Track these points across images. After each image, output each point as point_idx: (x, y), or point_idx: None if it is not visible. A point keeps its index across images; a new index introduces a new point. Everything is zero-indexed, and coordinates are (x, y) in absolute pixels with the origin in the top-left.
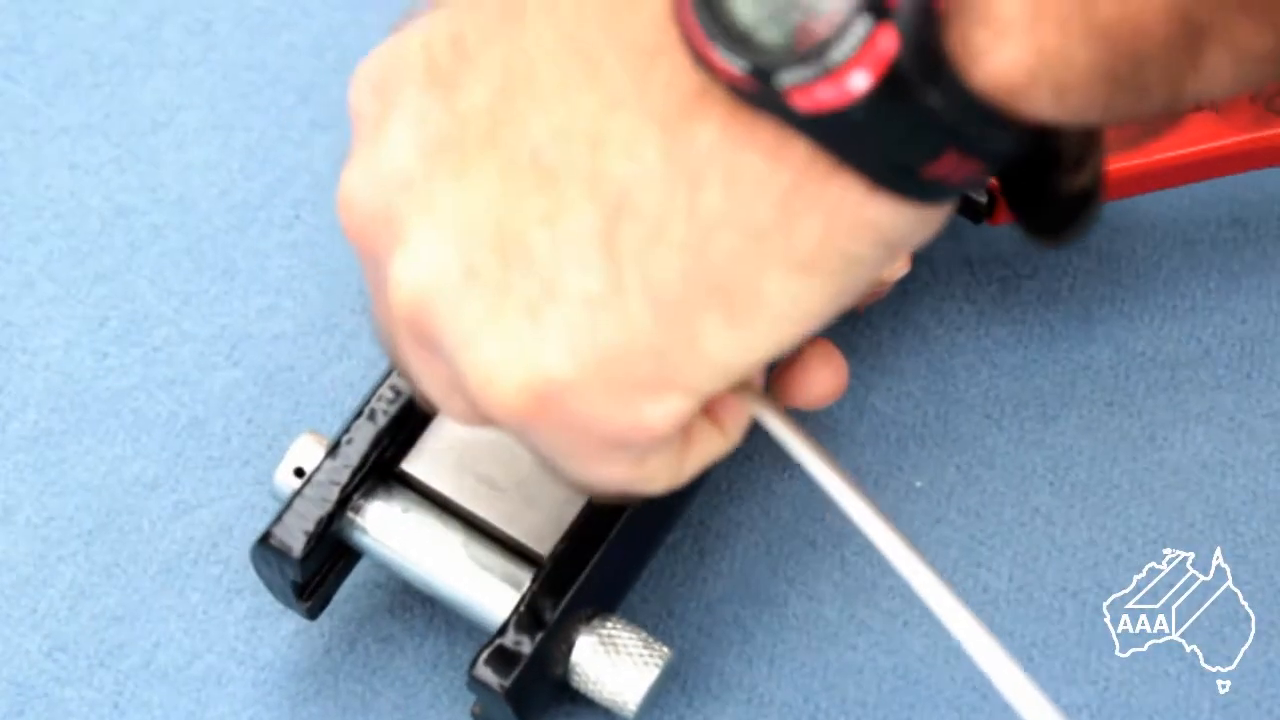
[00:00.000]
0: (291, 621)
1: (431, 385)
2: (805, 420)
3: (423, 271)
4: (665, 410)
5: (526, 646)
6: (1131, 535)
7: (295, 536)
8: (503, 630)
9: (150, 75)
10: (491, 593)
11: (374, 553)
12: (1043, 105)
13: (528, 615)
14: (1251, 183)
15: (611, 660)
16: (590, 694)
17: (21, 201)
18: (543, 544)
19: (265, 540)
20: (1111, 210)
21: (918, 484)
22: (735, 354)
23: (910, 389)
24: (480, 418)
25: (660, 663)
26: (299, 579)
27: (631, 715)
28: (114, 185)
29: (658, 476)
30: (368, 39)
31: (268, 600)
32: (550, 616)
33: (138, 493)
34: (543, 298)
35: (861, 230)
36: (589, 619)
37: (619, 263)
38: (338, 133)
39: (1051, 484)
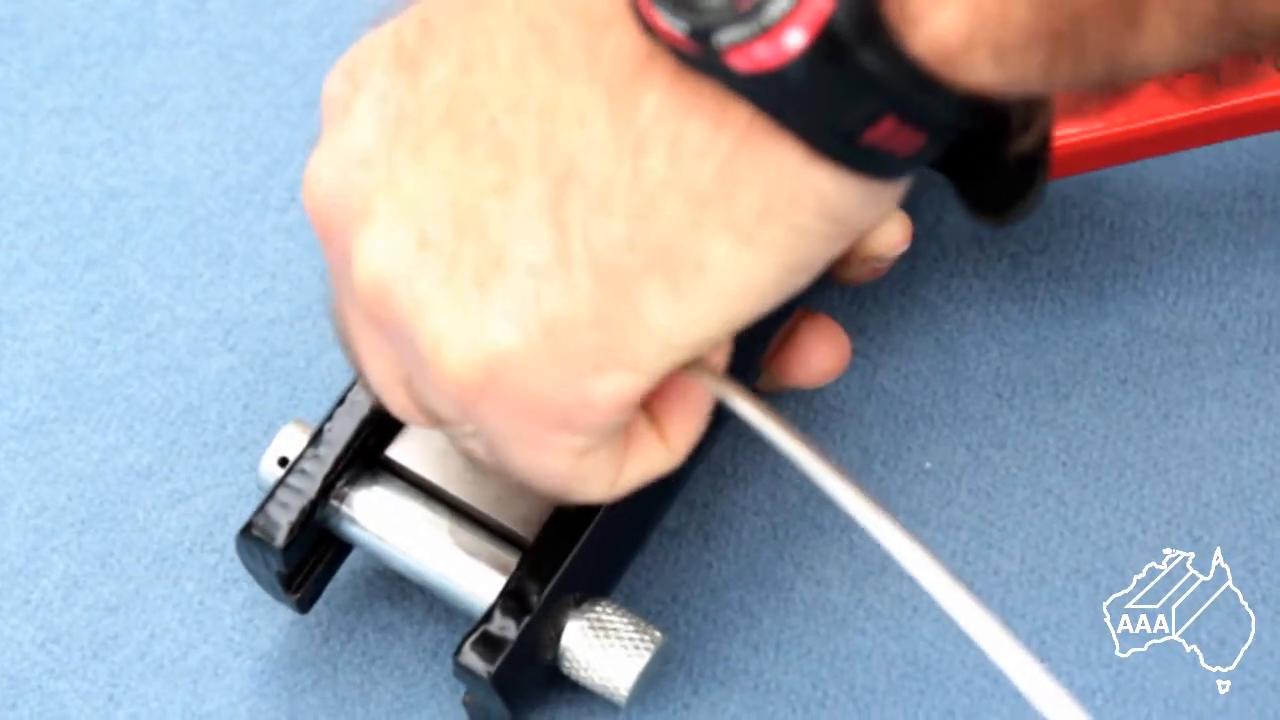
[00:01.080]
0: (289, 611)
1: (379, 373)
2: (812, 400)
3: (383, 248)
4: (611, 387)
5: (511, 632)
6: (1145, 516)
7: (277, 526)
8: (488, 616)
9: (142, 55)
10: (478, 579)
11: (360, 541)
12: (982, 71)
13: (513, 601)
14: (1268, 154)
15: (601, 645)
16: (581, 680)
17: (11, 185)
18: (529, 529)
19: (247, 530)
20: (1123, 183)
21: (927, 465)
22: (679, 327)
23: (919, 368)
24: (424, 412)
25: (651, 647)
26: (283, 569)
27: (624, 700)
28: (106, 168)
29: (594, 477)
30: (363, 17)
31: (263, 590)
32: (536, 601)
33: (131, 481)
34: (492, 268)
35: (804, 199)
36: (578, 603)
37: (565, 232)
38: None
39: (1064, 464)
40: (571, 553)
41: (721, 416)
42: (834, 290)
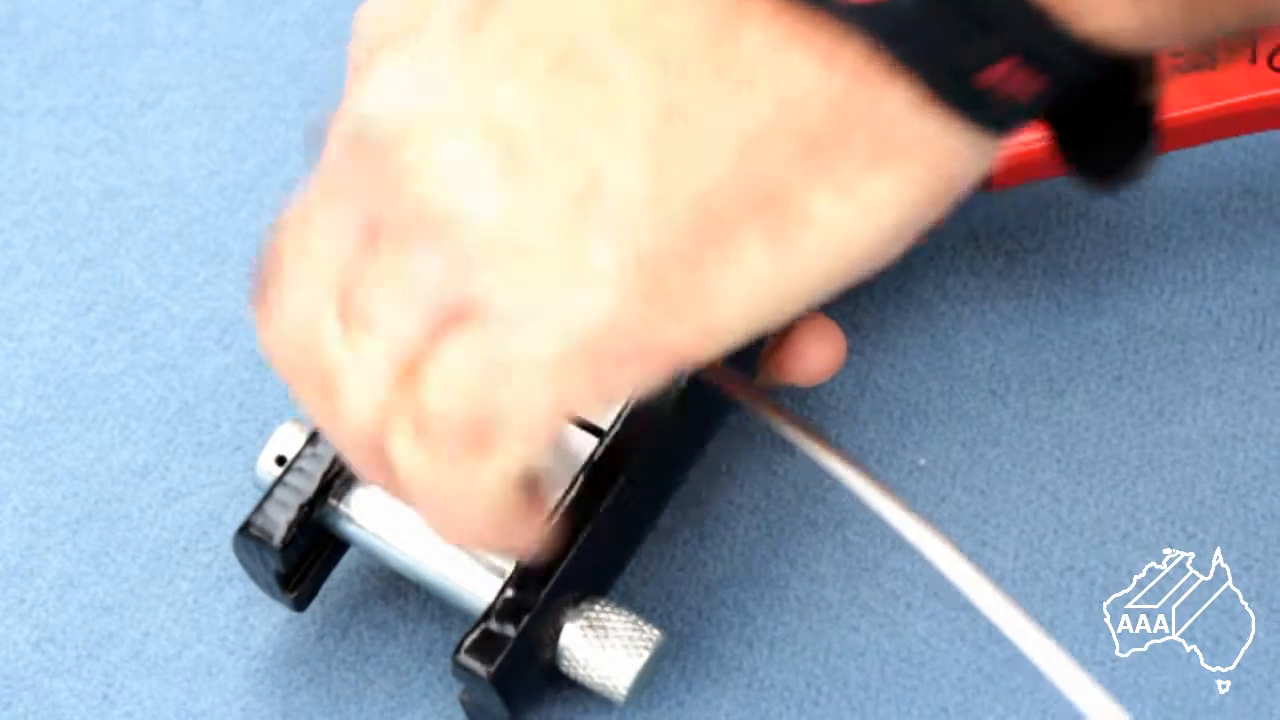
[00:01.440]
0: (283, 610)
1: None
2: (806, 397)
3: (457, 158)
4: (684, 339)
5: (511, 631)
6: (1140, 513)
7: (276, 525)
8: (487, 615)
9: (138, 55)
10: (477, 578)
11: (358, 540)
12: (1115, 11)
13: (511, 600)
14: (1263, 152)
15: (600, 644)
16: (580, 679)
17: (7, 185)
18: None
19: (245, 529)
20: None
21: (921, 462)
22: (775, 280)
23: (914, 365)
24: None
25: (650, 646)
26: (282, 568)
27: (622, 699)
28: (102, 168)
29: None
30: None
31: (259, 588)
32: (534, 601)
33: (126, 480)
34: (587, 192)
35: (915, 149)
36: (576, 602)
37: (664, 169)
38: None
39: (1059, 461)
40: (570, 552)
41: (715, 413)
42: None
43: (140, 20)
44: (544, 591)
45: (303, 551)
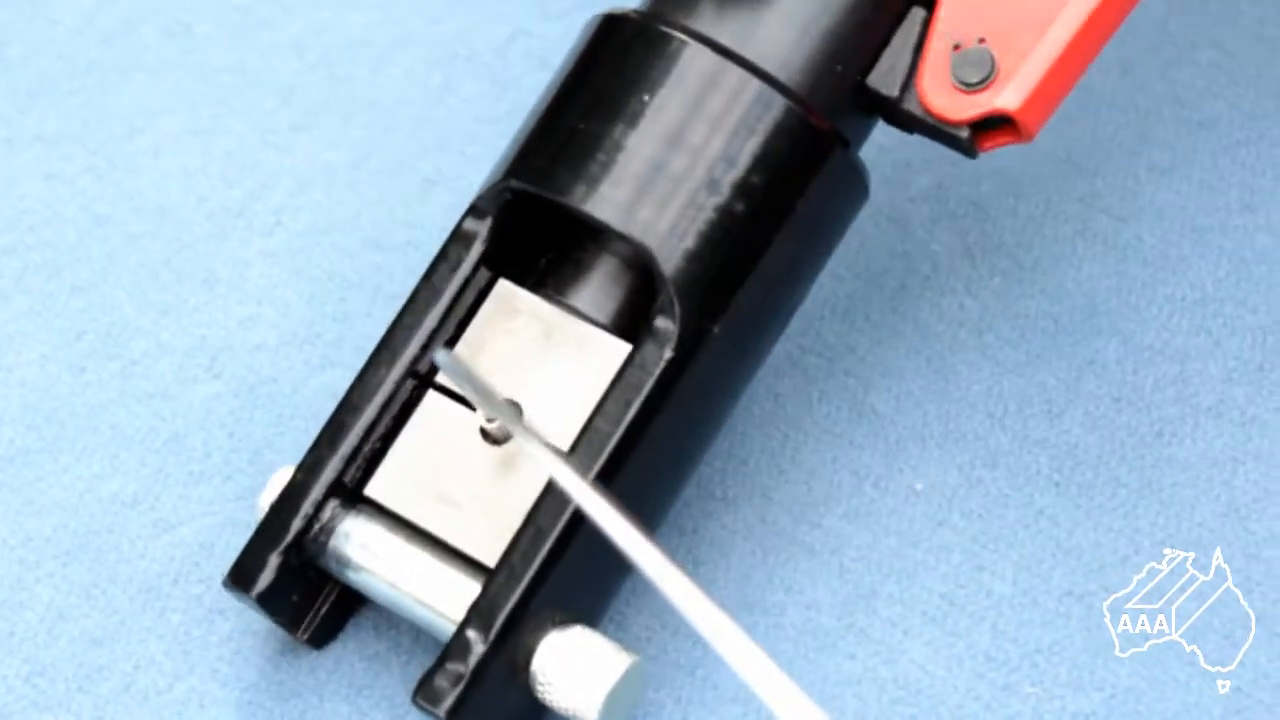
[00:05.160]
0: (275, 641)
1: None
2: (801, 421)
3: None
4: None
5: (465, 668)
6: (1139, 536)
7: (255, 572)
8: (444, 653)
9: (127, 80)
10: (458, 614)
11: (348, 580)
12: None
13: (466, 634)
14: (1263, 168)
15: (568, 668)
16: (552, 705)
17: None
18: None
19: (229, 578)
20: (1116, 198)
21: (918, 487)
22: None
23: (910, 388)
24: None
25: (621, 668)
26: (268, 615)
27: None
28: (90, 194)
29: None
30: (350, 37)
31: (251, 620)
32: (489, 635)
33: (116, 511)
34: None
35: None
36: (552, 627)
37: None
38: (319, 135)
39: (1057, 484)
40: (524, 580)
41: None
42: (823, 309)
43: (129, 45)
44: (498, 623)
45: (296, 594)
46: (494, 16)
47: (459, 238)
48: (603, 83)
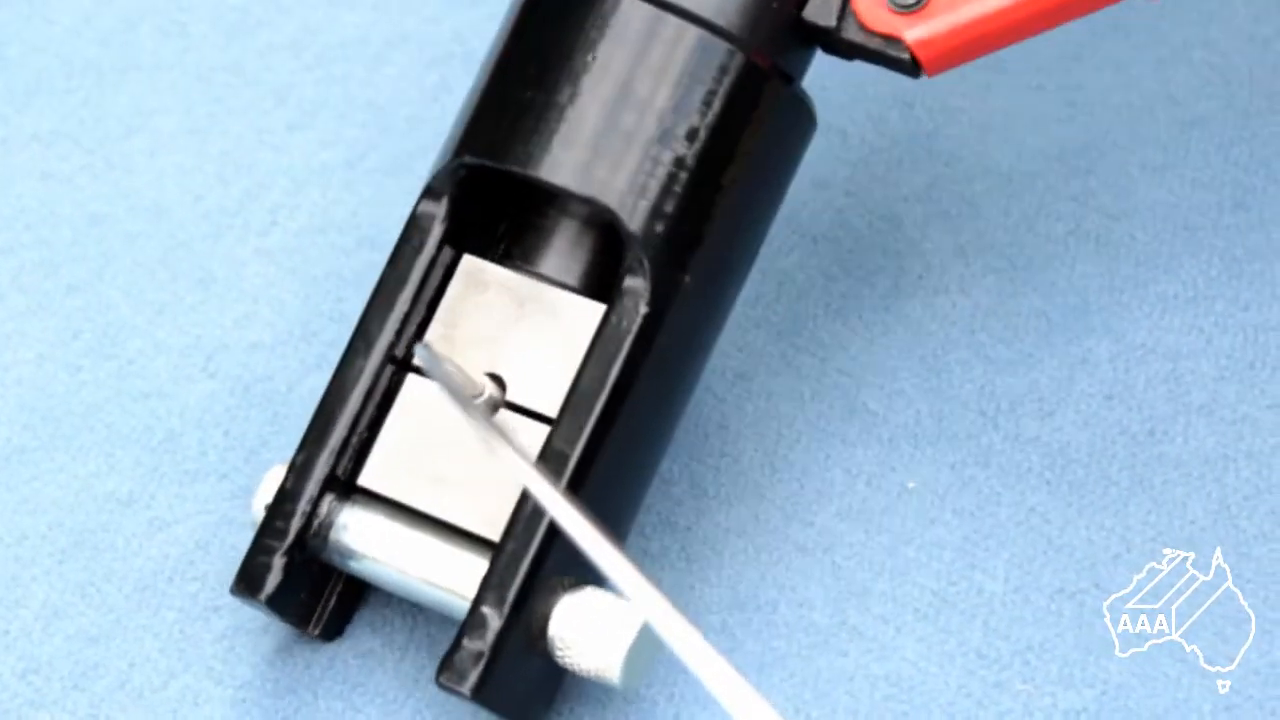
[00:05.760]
0: (270, 639)
1: None
2: (794, 420)
3: None
4: None
5: (484, 644)
6: (1131, 534)
7: (261, 576)
8: (462, 631)
9: (124, 80)
10: (468, 589)
11: (355, 571)
12: None
13: (481, 610)
14: (1255, 167)
15: (585, 630)
16: (573, 668)
17: None
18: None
19: (236, 585)
20: (1108, 196)
21: (910, 485)
22: None
23: (902, 386)
24: None
25: (637, 624)
26: (279, 614)
27: (617, 680)
28: (87, 193)
29: None
30: (346, 36)
31: (246, 617)
32: (504, 609)
33: (112, 509)
34: None
35: None
36: (562, 591)
37: None
38: (315, 134)
39: (1049, 482)
40: (531, 549)
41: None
42: (816, 308)
43: (125, 45)
44: (511, 595)
45: (303, 592)
46: (490, 15)
47: (418, 220)
48: (543, 46)
